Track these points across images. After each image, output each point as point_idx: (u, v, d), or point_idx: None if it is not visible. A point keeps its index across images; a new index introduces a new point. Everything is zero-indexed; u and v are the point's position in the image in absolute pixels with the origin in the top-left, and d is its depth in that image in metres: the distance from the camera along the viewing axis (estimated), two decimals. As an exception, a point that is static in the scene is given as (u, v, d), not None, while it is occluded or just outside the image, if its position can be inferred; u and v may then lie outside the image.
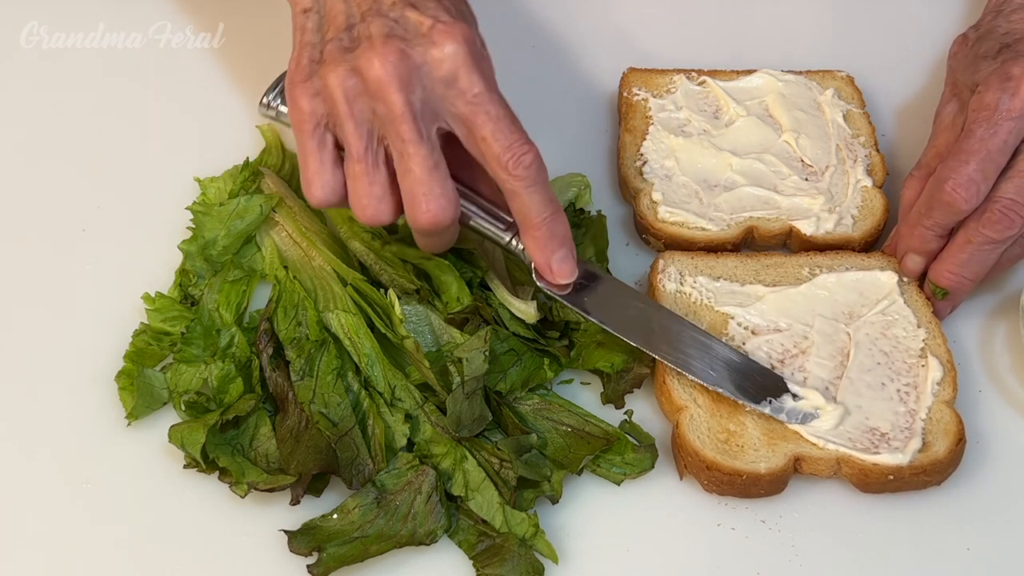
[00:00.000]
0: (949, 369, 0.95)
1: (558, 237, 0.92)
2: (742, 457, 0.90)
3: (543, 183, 0.90)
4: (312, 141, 0.89)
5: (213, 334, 0.96)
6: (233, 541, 0.89)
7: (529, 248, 0.93)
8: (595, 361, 0.95)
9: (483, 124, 0.87)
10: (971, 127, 0.95)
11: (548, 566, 0.88)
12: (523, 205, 0.90)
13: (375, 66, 0.86)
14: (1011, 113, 0.94)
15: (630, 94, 1.13)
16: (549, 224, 0.91)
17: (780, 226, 1.04)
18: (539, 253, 0.92)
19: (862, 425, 0.92)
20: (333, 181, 0.90)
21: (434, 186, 0.88)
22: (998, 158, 0.94)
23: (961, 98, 1.02)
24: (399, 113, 0.86)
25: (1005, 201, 0.94)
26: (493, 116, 0.87)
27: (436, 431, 0.91)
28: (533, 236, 0.92)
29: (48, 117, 1.15)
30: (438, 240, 0.94)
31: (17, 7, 1.21)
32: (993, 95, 0.94)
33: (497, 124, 0.87)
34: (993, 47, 0.99)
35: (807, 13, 1.24)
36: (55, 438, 0.94)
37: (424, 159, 0.87)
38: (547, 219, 0.91)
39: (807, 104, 1.12)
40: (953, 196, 0.94)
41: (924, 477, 0.90)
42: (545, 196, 0.90)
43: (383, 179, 0.89)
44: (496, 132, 0.87)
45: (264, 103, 0.98)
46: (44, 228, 1.07)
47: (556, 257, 0.92)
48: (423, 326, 0.96)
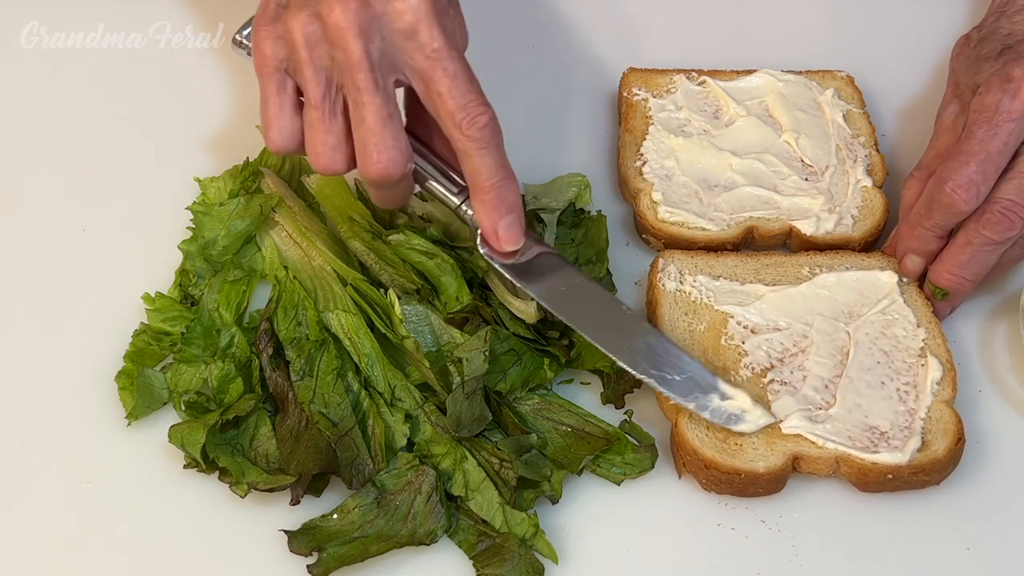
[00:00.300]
0: (949, 369, 0.95)
1: (507, 203, 0.90)
2: (741, 456, 0.90)
3: (496, 146, 0.89)
4: (272, 85, 0.89)
5: (213, 334, 0.96)
6: (233, 541, 0.89)
7: (477, 212, 0.91)
8: (595, 361, 0.95)
9: (440, 80, 0.87)
10: (972, 128, 0.95)
11: (548, 566, 0.88)
12: (474, 167, 0.89)
13: (335, 12, 0.85)
14: (1012, 115, 0.93)
15: (630, 94, 1.13)
16: (499, 188, 0.90)
17: (780, 226, 1.04)
18: (486, 217, 0.91)
19: (861, 424, 0.92)
20: (291, 126, 0.90)
21: (386, 137, 0.87)
22: (998, 160, 0.94)
23: (963, 99, 1.02)
24: (356, 61, 0.86)
25: (1005, 202, 0.94)
26: (451, 73, 0.87)
27: (436, 431, 0.91)
28: (482, 199, 0.90)
29: (48, 117, 1.15)
30: (389, 194, 0.92)
31: (17, 7, 1.22)
32: (994, 96, 0.94)
33: (454, 81, 0.87)
34: (995, 48, 0.99)
35: (807, 13, 1.24)
36: (55, 438, 0.94)
37: (378, 109, 0.87)
38: (497, 183, 0.89)
39: (807, 104, 1.12)
40: (953, 197, 0.94)
41: (923, 476, 0.90)
42: (497, 160, 0.89)
43: (339, 128, 0.89)
44: (452, 89, 0.87)
45: (236, 40, 0.97)
46: (44, 228, 1.07)
47: (503, 223, 0.91)
48: (423, 326, 0.96)
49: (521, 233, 0.92)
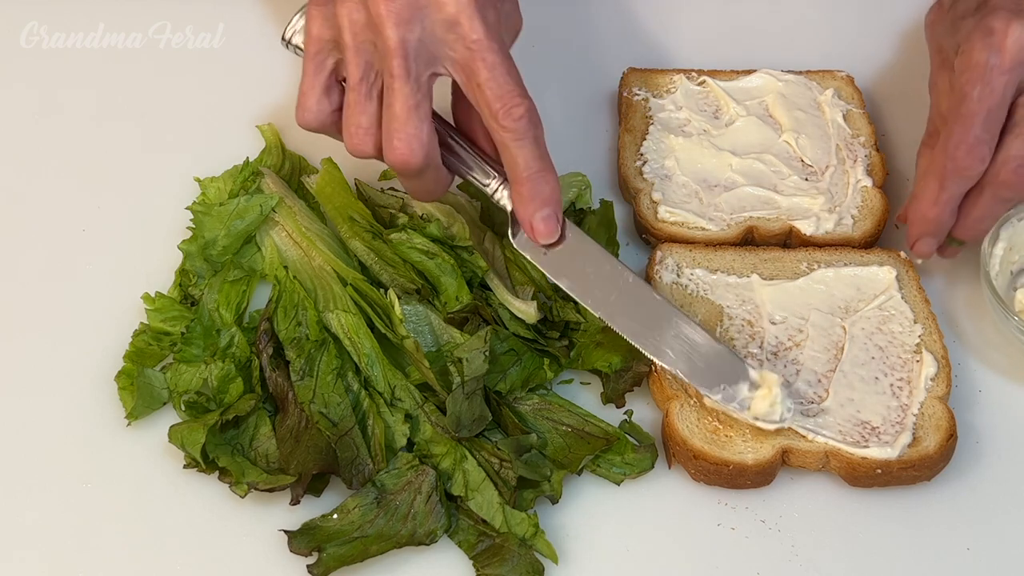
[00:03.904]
0: (944, 365, 0.95)
1: (544, 194, 0.91)
2: (730, 447, 0.90)
3: (534, 138, 0.89)
4: (312, 64, 0.91)
5: (213, 334, 0.96)
6: (233, 541, 0.89)
7: (515, 203, 0.92)
8: (594, 361, 0.95)
9: (479, 71, 0.88)
10: (964, 89, 0.94)
11: (548, 566, 0.88)
12: (511, 158, 0.90)
13: (380, 1, 0.87)
14: (1002, 68, 0.93)
15: (630, 94, 1.13)
16: (535, 180, 0.90)
17: (780, 226, 1.04)
18: (522, 208, 0.92)
19: (853, 418, 0.92)
20: (317, 106, 0.92)
21: (408, 125, 0.88)
22: (998, 114, 0.94)
23: (950, 63, 1.01)
24: (392, 48, 0.87)
25: (1018, 161, 0.94)
26: (490, 64, 0.87)
27: (436, 431, 0.91)
28: (518, 191, 0.91)
29: (48, 117, 1.15)
30: (417, 184, 0.93)
31: (17, 7, 1.21)
32: (980, 53, 0.93)
33: (493, 72, 0.87)
34: (970, 6, 0.98)
35: (807, 13, 1.24)
36: (55, 438, 0.94)
37: (406, 98, 0.88)
38: (533, 174, 0.90)
39: (807, 104, 1.12)
40: (965, 162, 0.94)
41: (913, 472, 0.90)
42: (535, 151, 0.90)
43: (372, 111, 0.90)
44: (491, 80, 0.87)
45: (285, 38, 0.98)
46: (44, 228, 1.07)
47: (539, 215, 0.91)
48: (423, 326, 0.96)
49: (557, 226, 0.92)
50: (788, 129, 1.09)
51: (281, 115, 1.11)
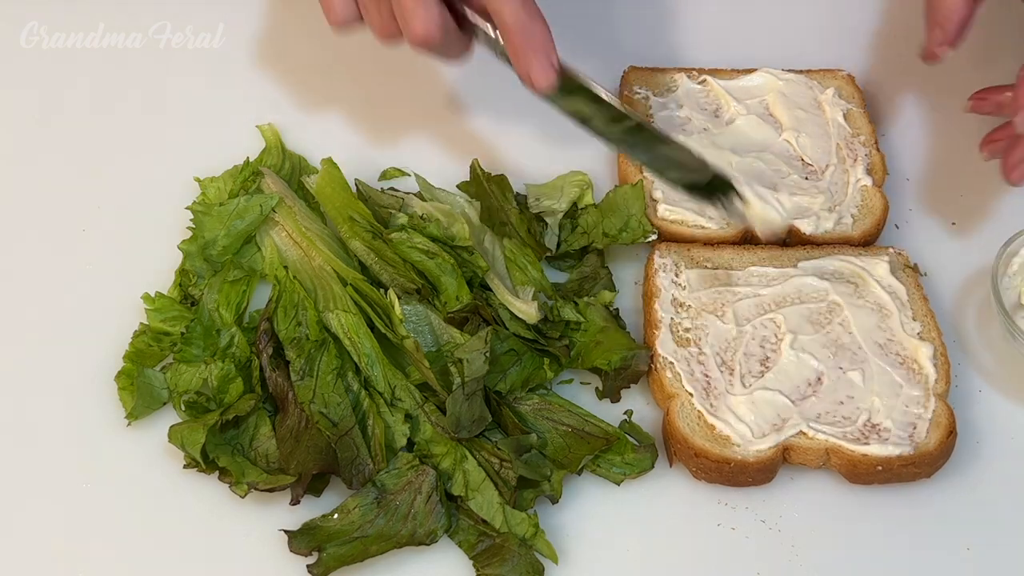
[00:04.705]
0: (943, 362, 0.95)
1: (533, 43, 0.92)
2: (730, 445, 0.90)
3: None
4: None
5: (213, 334, 0.96)
6: (233, 541, 0.89)
7: (511, 59, 0.93)
8: (594, 360, 0.95)
9: None
10: None
11: (548, 566, 0.88)
12: (497, 12, 0.92)
13: None
14: None
15: (631, 92, 1.13)
16: (524, 29, 0.92)
17: (780, 225, 1.04)
18: (516, 61, 0.93)
19: (852, 415, 0.92)
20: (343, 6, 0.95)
21: (418, 9, 0.91)
22: None
23: None
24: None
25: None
26: None
27: (436, 431, 0.91)
28: (510, 44, 0.93)
29: (48, 117, 1.15)
30: (444, 53, 0.96)
31: (17, 7, 1.21)
32: None
33: None
34: None
35: (807, 13, 1.24)
36: (55, 438, 0.94)
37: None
38: (522, 25, 0.91)
39: (807, 103, 1.12)
40: None
41: (913, 469, 0.91)
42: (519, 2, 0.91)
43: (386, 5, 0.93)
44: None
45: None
46: (44, 228, 1.07)
47: (535, 65, 0.92)
48: (423, 326, 0.96)
49: (553, 73, 0.93)
50: (788, 128, 1.09)
51: (281, 115, 1.11)
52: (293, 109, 1.14)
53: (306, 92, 1.15)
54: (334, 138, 1.10)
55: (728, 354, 0.95)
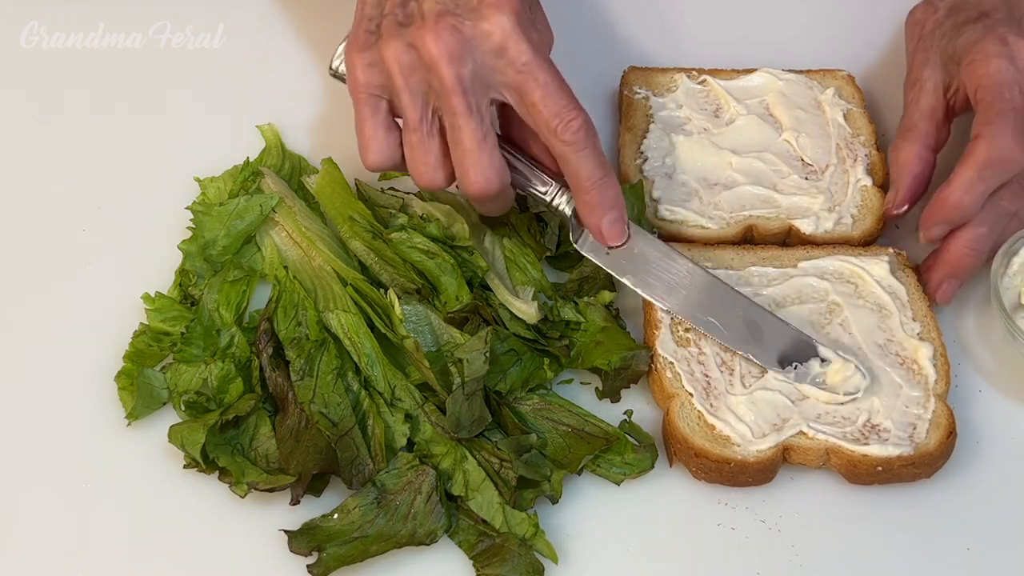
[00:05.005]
0: (943, 362, 0.95)
1: (608, 200, 0.94)
2: (730, 445, 0.90)
3: (593, 147, 0.92)
4: (366, 108, 0.93)
5: (213, 334, 0.96)
6: (233, 541, 0.89)
7: (581, 212, 0.95)
8: (594, 360, 0.95)
9: (532, 91, 0.91)
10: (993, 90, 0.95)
11: (548, 566, 0.88)
12: (573, 169, 0.93)
13: (428, 43, 0.89)
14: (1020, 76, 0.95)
15: (631, 92, 1.13)
16: (599, 187, 0.93)
17: (779, 225, 1.04)
18: (590, 216, 0.95)
19: (852, 415, 0.92)
20: (386, 146, 0.94)
21: (482, 158, 0.91)
22: None
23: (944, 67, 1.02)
24: (450, 87, 0.89)
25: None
26: (541, 83, 0.91)
27: (436, 431, 0.91)
28: (584, 200, 0.94)
29: (48, 117, 1.15)
30: (492, 205, 0.96)
31: (17, 7, 1.21)
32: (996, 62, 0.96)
33: (546, 90, 0.91)
34: (972, 15, 1.01)
35: (807, 13, 1.24)
36: (55, 438, 0.94)
37: (473, 132, 0.91)
38: (597, 182, 0.93)
39: (807, 103, 1.12)
40: (1012, 153, 0.94)
41: (913, 469, 0.91)
42: (595, 160, 0.93)
43: (437, 148, 0.93)
44: (545, 98, 0.91)
45: (332, 68, 1.00)
46: (44, 228, 1.07)
47: (606, 220, 0.95)
48: (423, 326, 0.96)
49: (624, 228, 0.96)
50: (788, 128, 1.09)
51: (281, 115, 1.11)
52: (293, 109, 1.13)
53: (306, 92, 1.15)
54: (334, 138, 1.10)
55: (728, 354, 0.95)
